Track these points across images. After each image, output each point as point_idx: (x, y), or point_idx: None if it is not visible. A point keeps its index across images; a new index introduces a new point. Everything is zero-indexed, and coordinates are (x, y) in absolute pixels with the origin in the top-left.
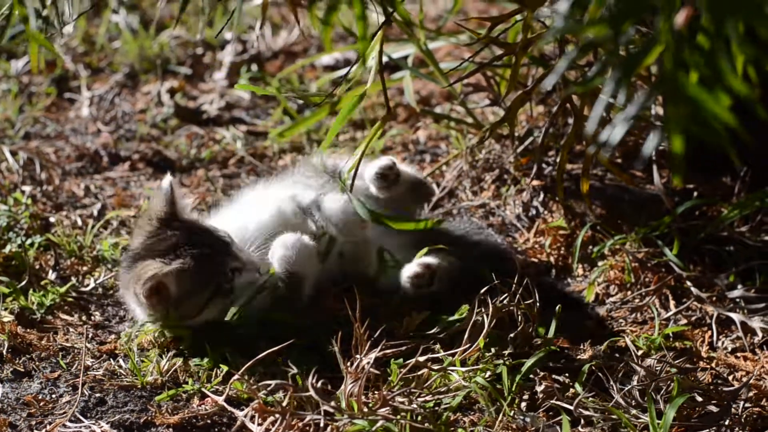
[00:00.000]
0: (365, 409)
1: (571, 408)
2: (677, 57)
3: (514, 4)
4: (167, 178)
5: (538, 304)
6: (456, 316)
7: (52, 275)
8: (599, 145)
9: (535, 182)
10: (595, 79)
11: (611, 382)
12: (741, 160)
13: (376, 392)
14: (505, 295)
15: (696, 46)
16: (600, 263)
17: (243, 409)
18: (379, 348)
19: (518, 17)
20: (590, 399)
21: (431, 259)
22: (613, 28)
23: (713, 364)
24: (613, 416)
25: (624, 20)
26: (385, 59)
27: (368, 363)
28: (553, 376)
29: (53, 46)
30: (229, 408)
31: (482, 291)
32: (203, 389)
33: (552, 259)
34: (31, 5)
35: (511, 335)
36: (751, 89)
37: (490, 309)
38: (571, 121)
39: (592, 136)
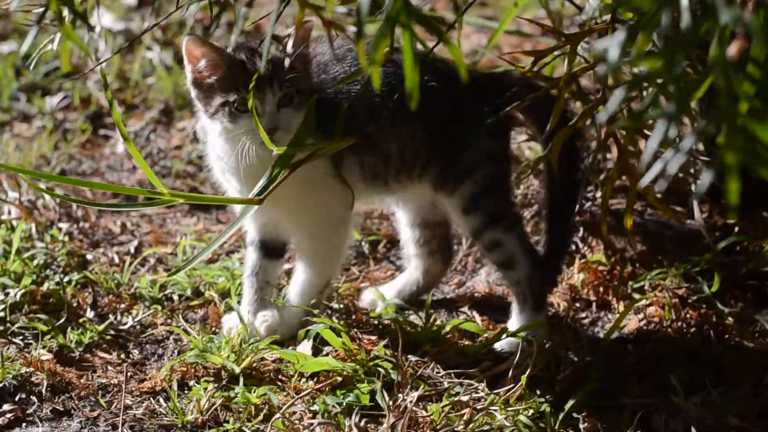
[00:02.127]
0: None
1: None
2: (729, 88)
3: (547, 39)
4: None
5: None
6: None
7: (90, 313)
8: (654, 179)
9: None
10: (646, 112)
11: (656, 421)
12: None
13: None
14: (551, 337)
15: (748, 77)
16: (639, 299)
17: None
18: (421, 388)
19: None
20: None
21: None
22: (666, 60)
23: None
24: None
25: (676, 52)
26: None
27: (411, 402)
28: (597, 414)
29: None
30: None
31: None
32: (244, 428)
33: (591, 294)
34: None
35: (558, 377)
36: None
37: (535, 349)
38: (609, 156)
39: (646, 169)
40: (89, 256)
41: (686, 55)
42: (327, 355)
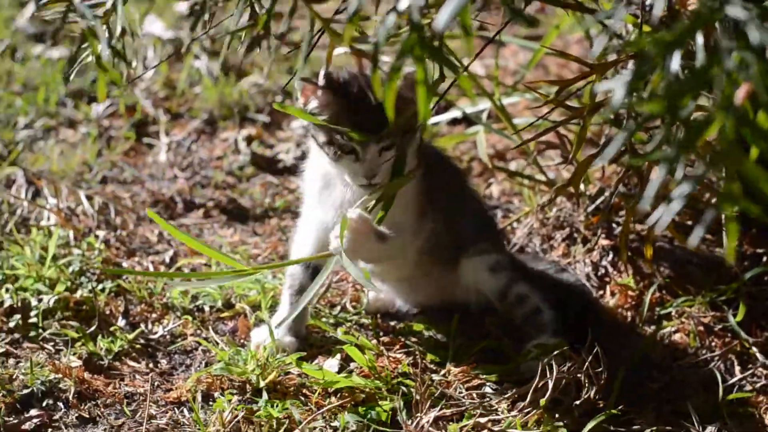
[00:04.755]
0: None
1: None
2: (736, 133)
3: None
4: None
5: (605, 373)
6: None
7: (121, 321)
8: (654, 222)
9: (605, 242)
10: (654, 152)
11: None
12: None
13: None
14: (573, 362)
15: (753, 123)
16: (666, 325)
17: None
18: (439, 407)
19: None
20: None
21: None
22: (670, 103)
23: None
24: None
25: (681, 96)
26: (459, 114)
27: (428, 422)
28: None
29: (120, 76)
30: None
31: (551, 356)
32: None
33: (619, 318)
34: (104, 38)
35: (576, 403)
36: None
37: (554, 373)
38: None
39: (651, 209)
40: (125, 264)
41: (694, 98)
42: (352, 371)
